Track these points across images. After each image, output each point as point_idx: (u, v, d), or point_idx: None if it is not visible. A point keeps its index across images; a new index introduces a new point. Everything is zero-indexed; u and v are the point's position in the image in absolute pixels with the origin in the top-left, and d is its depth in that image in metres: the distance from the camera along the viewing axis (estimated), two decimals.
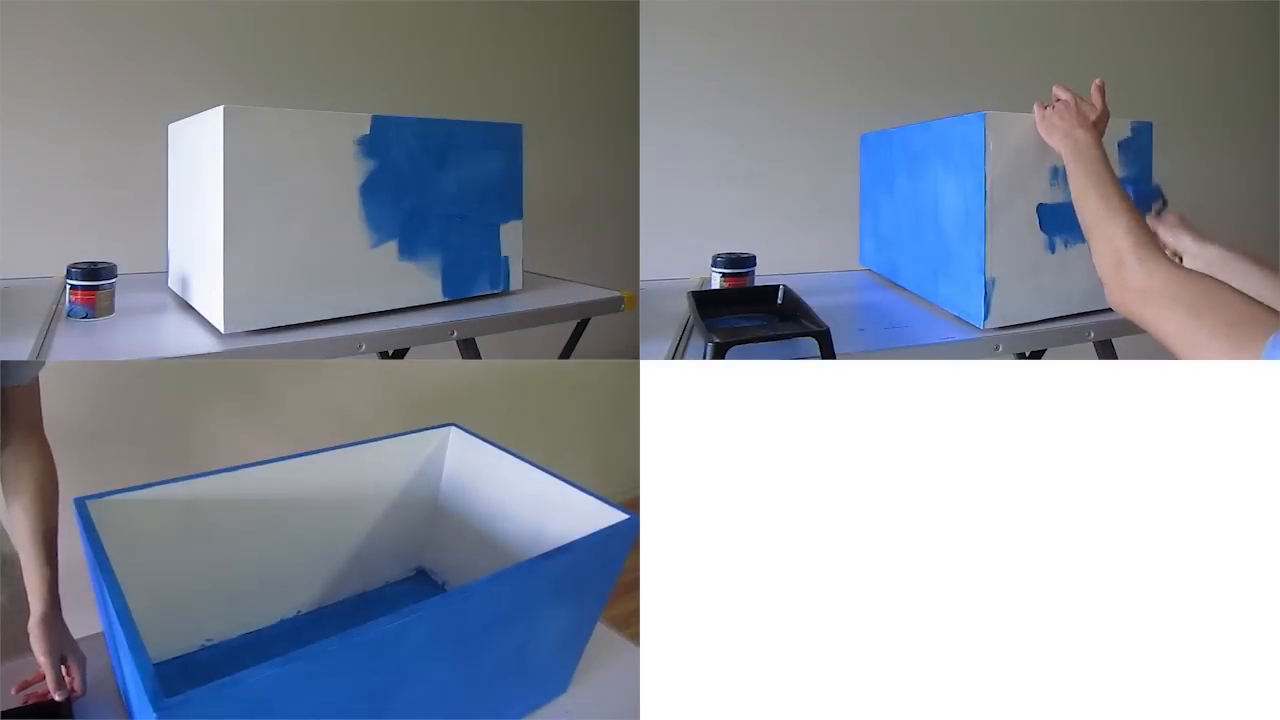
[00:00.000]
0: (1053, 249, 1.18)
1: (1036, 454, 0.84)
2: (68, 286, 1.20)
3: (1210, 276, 0.80)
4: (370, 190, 1.23)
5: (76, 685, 0.81)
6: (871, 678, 0.84)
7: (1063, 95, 1.08)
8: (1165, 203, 1.17)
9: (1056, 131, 1.05)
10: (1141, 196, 1.12)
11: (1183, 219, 1.11)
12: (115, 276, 1.22)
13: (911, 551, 0.84)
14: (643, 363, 0.92)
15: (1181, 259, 1.05)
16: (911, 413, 0.85)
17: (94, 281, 1.19)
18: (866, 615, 0.84)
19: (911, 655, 0.84)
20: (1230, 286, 0.78)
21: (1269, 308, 0.74)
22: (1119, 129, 1.23)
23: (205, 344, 1.10)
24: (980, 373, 0.86)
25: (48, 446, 0.92)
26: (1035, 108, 1.11)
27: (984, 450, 0.84)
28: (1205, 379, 0.82)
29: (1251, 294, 0.97)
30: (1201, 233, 1.06)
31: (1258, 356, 0.70)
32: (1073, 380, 0.84)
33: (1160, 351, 0.80)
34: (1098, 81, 1.07)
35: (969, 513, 0.84)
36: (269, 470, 0.93)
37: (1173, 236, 1.08)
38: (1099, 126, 1.04)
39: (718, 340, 0.99)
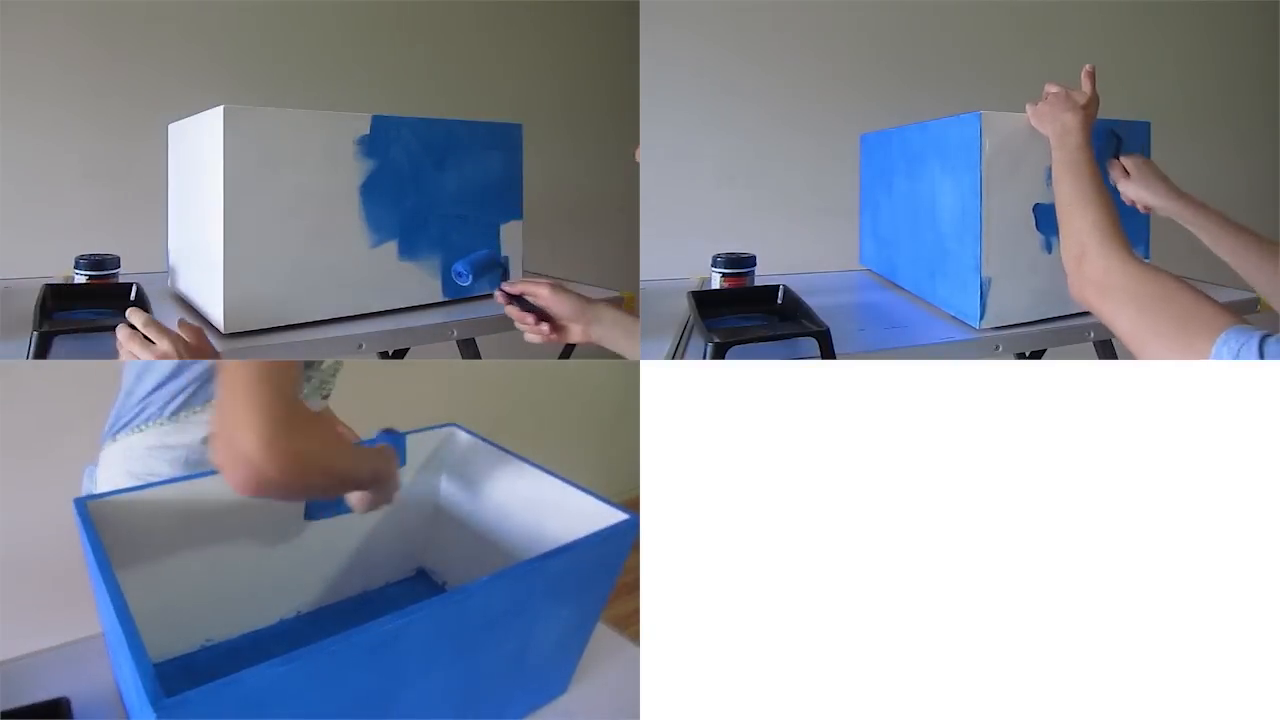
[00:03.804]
0: (1049, 249, 1.18)
1: (1036, 454, 0.84)
2: None
3: (1170, 275, 0.80)
4: (370, 190, 1.23)
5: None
6: (872, 677, 0.84)
7: (1053, 89, 1.09)
8: (1120, 143, 1.18)
9: (1045, 118, 1.06)
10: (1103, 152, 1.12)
11: (1149, 168, 1.12)
12: (119, 267, 1.24)
13: (911, 551, 0.84)
14: (643, 363, 0.92)
15: (1149, 209, 1.11)
16: (911, 413, 0.85)
17: (101, 271, 1.22)
18: (867, 615, 0.84)
19: (912, 655, 0.84)
20: (1188, 285, 0.77)
21: (1223, 308, 0.74)
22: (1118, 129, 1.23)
23: None
24: (980, 373, 0.86)
25: None
26: (1028, 107, 1.11)
27: (984, 450, 0.84)
28: (1205, 379, 0.82)
29: (1213, 247, 1.00)
30: (1169, 184, 1.08)
31: (1205, 355, 0.70)
32: (1073, 380, 0.84)
33: None
34: (1087, 67, 1.07)
35: (969, 513, 0.84)
36: None
37: (1138, 185, 1.09)
38: (1089, 111, 1.04)
39: (718, 340, 0.99)
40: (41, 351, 1.00)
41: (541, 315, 1.00)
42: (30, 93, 1.77)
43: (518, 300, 1.01)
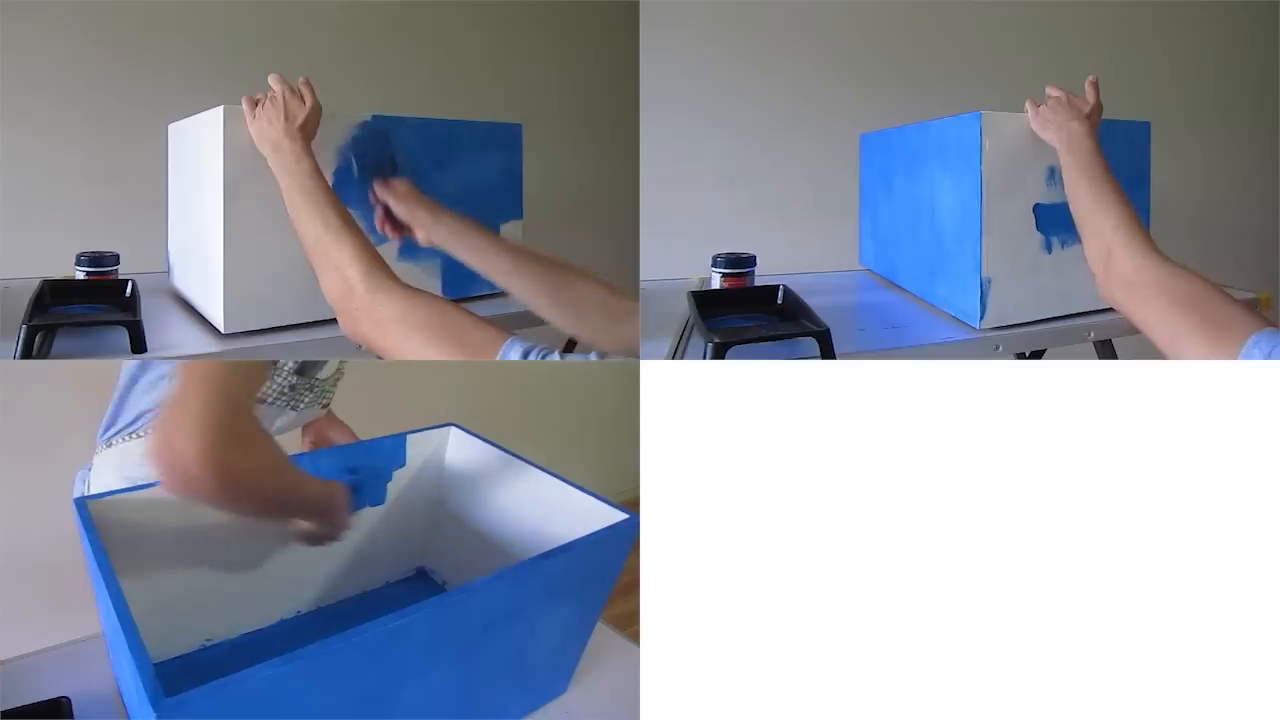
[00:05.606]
0: (1049, 249, 1.18)
1: (1036, 454, 0.84)
2: None
3: (1198, 274, 0.81)
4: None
5: None
6: (871, 677, 0.84)
7: (1055, 93, 1.09)
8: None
9: (1050, 125, 1.06)
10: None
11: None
12: (118, 264, 1.26)
13: (911, 551, 0.84)
14: (643, 363, 0.92)
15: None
16: (911, 413, 0.85)
17: (100, 268, 1.23)
18: (866, 615, 0.84)
19: (911, 655, 0.84)
20: (1216, 285, 0.78)
21: (1251, 309, 0.75)
22: (1117, 129, 1.23)
23: (205, 344, 1.10)
24: (980, 373, 0.86)
25: None
26: (1028, 105, 1.11)
27: (984, 450, 0.84)
28: (1205, 379, 0.82)
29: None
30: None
31: (1234, 355, 0.71)
32: (1073, 380, 0.84)
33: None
34: (1092, 78, 1.08)
35: (969, 512, 0.84)
36: None
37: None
38: (1092, 119, 1.05)
39: (718, 340, 0.99)
40: (29, 345, 1.00)
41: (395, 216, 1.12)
42: (30, 93, 1.77)
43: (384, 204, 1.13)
